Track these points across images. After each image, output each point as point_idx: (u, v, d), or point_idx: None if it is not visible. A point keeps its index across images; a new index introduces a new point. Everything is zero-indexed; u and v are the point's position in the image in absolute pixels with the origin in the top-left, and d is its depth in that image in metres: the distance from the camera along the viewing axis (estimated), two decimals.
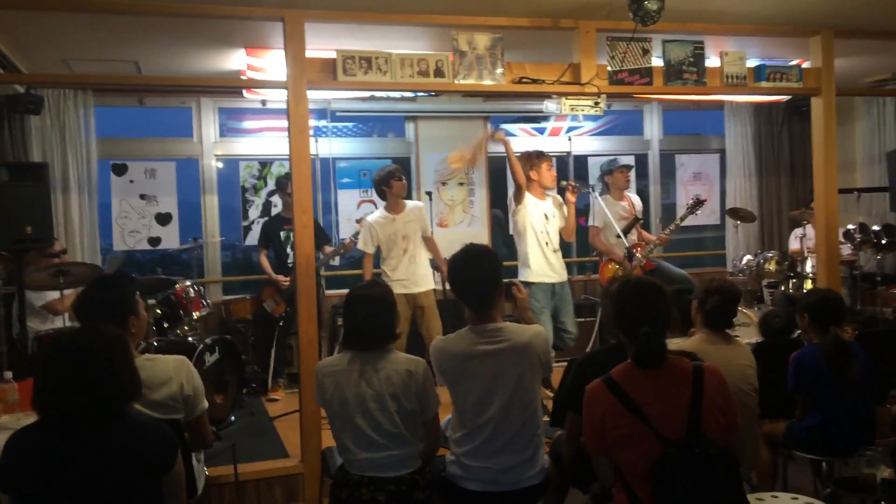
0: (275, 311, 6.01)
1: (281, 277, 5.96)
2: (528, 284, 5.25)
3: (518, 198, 5.39)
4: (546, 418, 3.31)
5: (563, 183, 5.49)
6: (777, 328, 4.78)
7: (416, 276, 5.39)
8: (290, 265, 5.98)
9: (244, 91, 5.89)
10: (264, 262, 6.09)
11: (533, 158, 5.45)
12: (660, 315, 2.44)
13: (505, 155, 5.50)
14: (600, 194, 5.80)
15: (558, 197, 5.54)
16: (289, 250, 6.03)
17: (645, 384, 2.35)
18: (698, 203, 5.91)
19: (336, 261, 6.26)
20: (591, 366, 3.02)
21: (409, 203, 5.50)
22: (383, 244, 5.43)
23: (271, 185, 6.78)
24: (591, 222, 5.98)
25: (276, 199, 6.61)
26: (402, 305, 5.16)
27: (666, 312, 2.47)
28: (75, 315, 2.73)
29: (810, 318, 3.60)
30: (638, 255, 5.60)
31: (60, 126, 5.97)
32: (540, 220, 5.38)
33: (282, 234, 6.08)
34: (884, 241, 6.43)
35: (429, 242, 5.55)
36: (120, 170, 6.51)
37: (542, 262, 5.35)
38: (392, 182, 5.42)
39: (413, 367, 2.84)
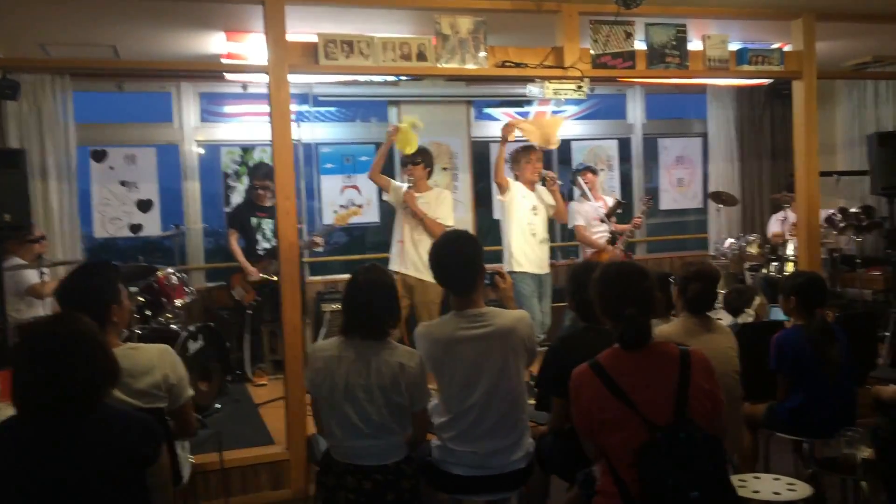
0: (244, 299, 5.93)
1: (252, 269, 5.89)
2: (515, 274, 5.32)
3: (501, 191, 5.52)
4: (532, 402, 3.33)
5: (543, 172, 5.56)
6: (735, 306, 4.85)
7: (416, 263, 5.26)
8: (260, 253, 5.93)
9: (225, 74, 5.82)
10: (236, 247, 5.96)
11: (516, 156, 5.60)
12: (644, 296, 2.45)
13: (488, 139, 5.57)
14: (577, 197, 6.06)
15: (544, 189, 5.63)
16: (258, 237, 5.97)
17: (631, 369, 2.36)
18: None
19: (319, 248, 6.21)
20: (562, 349, 3.04)
21: (435, 189, 5.43)
22: (397, 209, 5.37)
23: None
24: (572, 223, 6.11)
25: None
26: (399, 286, 5.15)
27: (650, 294, 2.48)
28: (57, 303, 2.70)
29: (798, 301, 3.63)
30: (619, 243, 5.71)
31: (38, 112, 5.89)
32: (526, 212, 5.46)
33: (253, 220, 5.99)
34: (864, 224, 6.50)
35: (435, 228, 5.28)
36: (99, 156, 6.43)
37: (526, 253, 5.41)
38: (409, 166, 5.38)
39: (406, 360, 2.80)
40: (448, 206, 5.44)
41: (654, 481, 2.23)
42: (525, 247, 5.40)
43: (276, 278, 4.90)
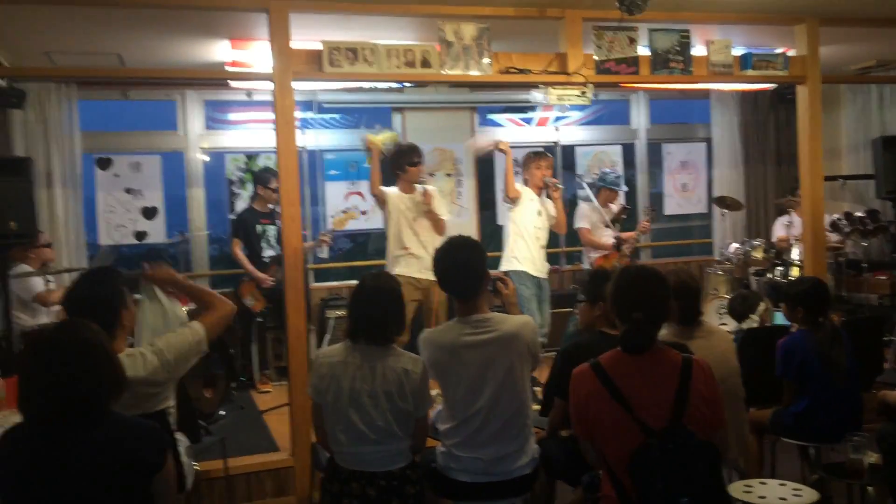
0: (254, 307, 5.94)
1: (263, 276, 5.90)
2: (515, 273, 5.30)
3: (513, 203, 5.48)
4: (536, 407, 3.33)
5: (546, 179, 5.50)
6: (740, 311, 4.83)
7: (429, 265, 5.18)
8: (266, 261, 5.93)
9: (230, 82, 5.84)
10: (241, 255, 5.95)
11: (527, 161, 5.59)
12: (655, 303, 2.43)
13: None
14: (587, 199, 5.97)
15: (547, 200, 5.57)
16: (263, 244, 5.98)
17: (632, 372, 2.36)
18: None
19: (325, 253, 6.22)
20: (575, 353, 3.03)
21: (419, 187, 5.29)
22: (395, 217, 5.24)
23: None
24: (577, 225, 6.08)
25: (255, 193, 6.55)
26: (409, 289, 5.13)
27: (662, 301, 2.45)
28: (65, 311, 2.70)
29: (804, 310, 3.62)
30: (625, 248, 5.68)
31: (44, 120, 5.92)
32: (533, 216, 5.46)
33: (258, 227, 6.00)
34: (870, 228, 6.48)
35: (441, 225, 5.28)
36: (104, 164, 6.45)
37: (526, 254, 5.41)
38: (408, 168, 5.24)
39: (411, 367, 2.81)
40: (440, 199, 5.39)
41: (646, 486, 2.22)
42: (526, 248, 5.40)
43: None
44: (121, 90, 6.46)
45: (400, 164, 5.29)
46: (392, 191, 5.33)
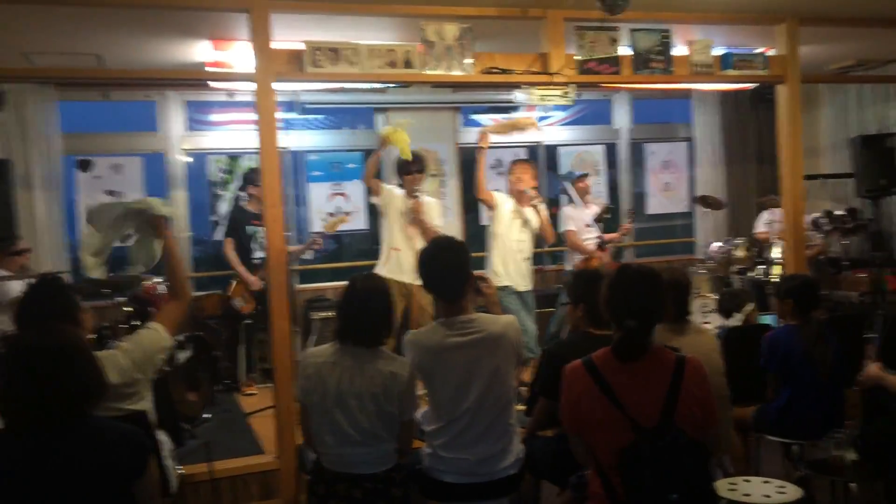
0: (243, 308, 5.90)
1: (253, 279, 5.86)
2: (498, 289, 5.26)
3: (488, 207, 5.42)
4: (521, 407, 3.33)
5: (526, 190, 5.36)
6: (727, 308, 4.89)
7: (414, 269, 5.16)
8: (256, 262, 5.90)
9: (211, 82, 5.80)
10: (233, 255, 5.88)
11: (509, 170, 5.50)
12: (649, 307, 2.40)
13: (475, 146, 5.50)
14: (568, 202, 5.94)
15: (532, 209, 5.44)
16: (253, 245, 5.94)
17: (624, 370, 2.36)
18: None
19: (309, 255, 6.20)
20: (560, 353, 3.04)
21: (420, 196, 5.29)
22: (390, 214, 5.25)
23: (240, 179, 6.70)
24: (563, 228, 6.04)
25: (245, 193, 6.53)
26: (394, 293, 5.10)
27: (656, 305, 2.44)
28: (16, 322, 2.69)
29: (794, 304, 3.65)
30: (606, 253, 5.66)
31: (22, 121, 5.86)
32: (513, 229, 5.36)
33: (248, 228, 5.97)
34: (849, 226, 6.55)
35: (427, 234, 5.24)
36: (85, 165, 6.38)
37: (509, 269, 5.34)
38: (404, 177, 5.29)
39: (398, 370, 2.81)
40: (437, 211, 5.39)
41: (635, 484, 2.23)
42: (509, 264, 5.33)
43: None
44: (101, 91, 6.40)
45: (398, 172, 5.37)
46: (394, 189, 5.36)
